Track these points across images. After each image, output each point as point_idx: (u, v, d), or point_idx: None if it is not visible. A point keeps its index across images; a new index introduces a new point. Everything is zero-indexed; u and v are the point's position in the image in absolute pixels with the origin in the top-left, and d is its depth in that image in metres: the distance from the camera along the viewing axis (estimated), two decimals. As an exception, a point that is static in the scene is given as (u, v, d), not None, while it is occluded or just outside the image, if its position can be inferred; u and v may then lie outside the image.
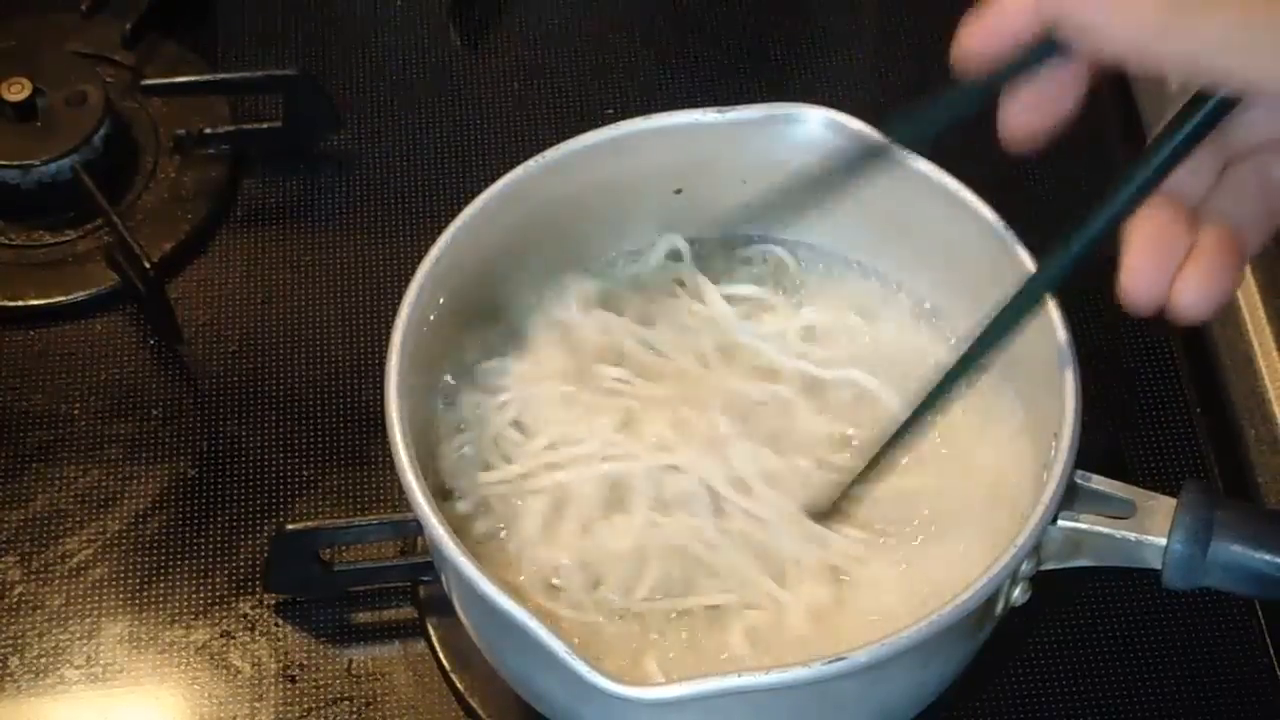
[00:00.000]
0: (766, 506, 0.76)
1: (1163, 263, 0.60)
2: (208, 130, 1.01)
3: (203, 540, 0.88)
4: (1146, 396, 0.93)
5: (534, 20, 1.08)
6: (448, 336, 0.79)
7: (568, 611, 0.74)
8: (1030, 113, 0.60)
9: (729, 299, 0.83)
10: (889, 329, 0.83)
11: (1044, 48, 0.58)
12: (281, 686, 0.84)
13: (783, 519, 0.75)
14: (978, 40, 0.59)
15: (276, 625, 0.85)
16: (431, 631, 0.84)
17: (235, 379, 0.93)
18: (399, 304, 0.75)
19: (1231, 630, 0.85)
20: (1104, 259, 0.97)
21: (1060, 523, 0.71)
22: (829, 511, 0.76)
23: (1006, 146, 0.61)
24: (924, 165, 0.78)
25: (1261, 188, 0.61)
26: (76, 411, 0.92)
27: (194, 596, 0.86)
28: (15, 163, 0.97)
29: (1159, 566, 0.71)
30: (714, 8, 1.09)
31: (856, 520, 0.76)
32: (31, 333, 0.95)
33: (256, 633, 0.85)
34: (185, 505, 0.89)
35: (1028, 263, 0.74)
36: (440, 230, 0.77)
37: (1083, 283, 0.94)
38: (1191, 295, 0.59)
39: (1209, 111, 0.59)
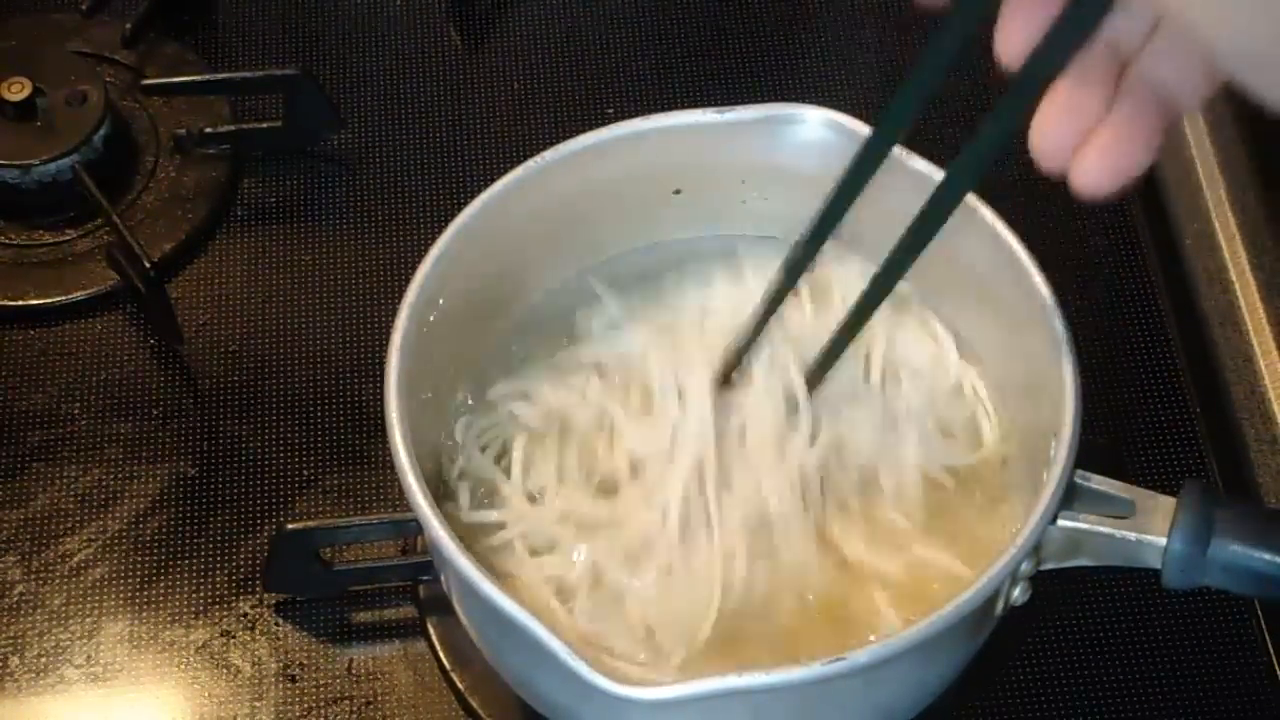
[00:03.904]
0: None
1: (1070, 126, 0.57)
2: (208, 130, 1.01)
3: (203, 540, 0.88)
4: (1146, 396, 0.92)
5: (534, 20, 1.08)
6: (448, 337, 0.79)
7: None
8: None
9: None
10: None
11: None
12: (281, 686, 0.84)
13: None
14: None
15: (276, 625, 0.85)
16: (431, 631, 0.84)
17: (235, 379, 0.93)
18: (399, 304, 0.75)
19: (1231, 630, 0.85)
20: (1102, 255, 0.98)
21: (1060, 522, 0.71)
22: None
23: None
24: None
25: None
26: (76, 411, 0.92)
27: (194, 596, 0.86)
28: (15, 163, 0.97)
29: (1159, 566, 0.71)
30: (713, 8, 1.09)
31: None
32: (31, 333, 0.95)
33: (256, 632, 0.85)
34: (185, 505, 0.89)
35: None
36: (440, 230, 0.77)
37: (1083, 282, 0.96)
38: (1089, 170, 0.57)
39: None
